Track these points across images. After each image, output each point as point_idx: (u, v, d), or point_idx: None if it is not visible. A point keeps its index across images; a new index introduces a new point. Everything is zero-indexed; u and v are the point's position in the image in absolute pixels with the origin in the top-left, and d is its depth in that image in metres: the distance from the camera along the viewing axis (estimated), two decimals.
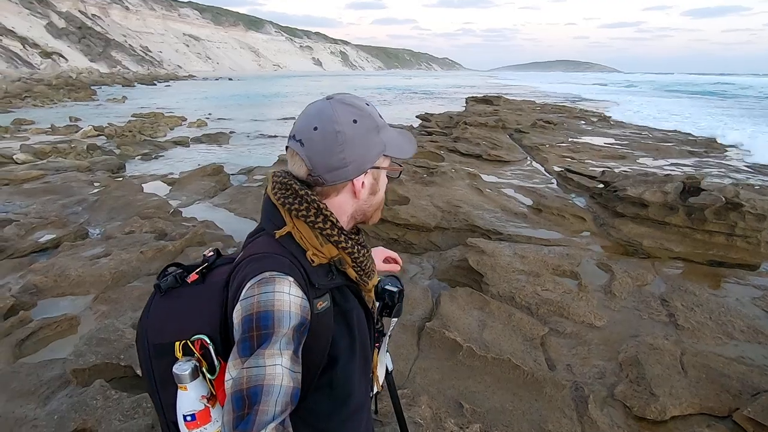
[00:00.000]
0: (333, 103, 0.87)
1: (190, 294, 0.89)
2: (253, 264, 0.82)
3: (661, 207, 5.25)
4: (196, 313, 0.86)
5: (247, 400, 0.70)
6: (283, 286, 0.78)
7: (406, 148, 0.94)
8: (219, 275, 0.90)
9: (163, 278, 0.91)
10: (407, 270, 4.34)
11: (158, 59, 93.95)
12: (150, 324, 0.88)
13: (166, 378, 0.83)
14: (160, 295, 0.90)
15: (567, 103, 25.53)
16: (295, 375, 0.76)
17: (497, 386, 2.52)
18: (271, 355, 0.73)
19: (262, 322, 0.76)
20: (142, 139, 12.57)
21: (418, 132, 12.37)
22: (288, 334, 0.76)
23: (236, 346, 0.76)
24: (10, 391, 2.52)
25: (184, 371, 0.79)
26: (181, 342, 0.82)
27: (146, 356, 0.87)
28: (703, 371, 2.68)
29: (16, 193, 6.80)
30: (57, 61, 60.79)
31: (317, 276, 0.84)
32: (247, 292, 0.79)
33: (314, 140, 0.84)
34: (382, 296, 1.20)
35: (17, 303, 3.44)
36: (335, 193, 0.89)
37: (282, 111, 22.27)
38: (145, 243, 4.60)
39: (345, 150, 0.84)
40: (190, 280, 0.90)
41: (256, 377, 0.72)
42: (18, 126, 14.63)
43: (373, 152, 0.88)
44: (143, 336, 0.88)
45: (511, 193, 6.82)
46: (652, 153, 10.60)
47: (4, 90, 27.60)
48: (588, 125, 15.64)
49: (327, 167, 0.85)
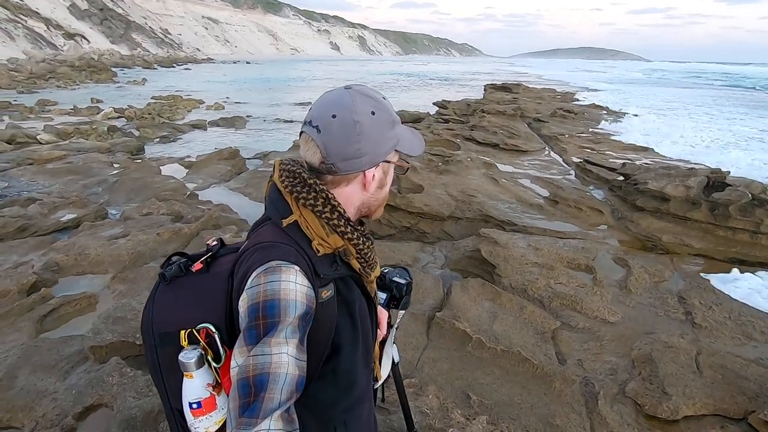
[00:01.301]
0: (352, 93, 0.87)
1: (194, 283, 0.89)
2: (260, 253, 0.82)
3: (683, 202, 5.10)
4: (201, 302, 0.86)
5: (254, 388, 0.71)
6: (289, 275, 0.78)
7: (416, 145, 0.94)
8: (223, 264, 0.90)
9: (167, 267, 0.91)
10: (419, 259, 4.33)
11: (177, 42, 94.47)
12: (155, 313, 0.89)
13: (172, 366, 0.83)
14: (164, 283, 0.90)
15: (585, 92, 24.85)
16: (301, 363, 0.77)
17: (506, 379, 2.51)
18: (277, 344, 0.74)
19: (268, 310, 0.76)
20: (160, 122, 12.73)
21: (435, 119, 12.22)
22: (294, 323, 0.76)
23: (242, 334, 0.77)
24: (32, 364, 2.62)
25: (189, 359, 0.80)
26: (187, 330, 0.83)
27: (151, 345, 0.88)
28: (719, 372, 2.61)
29: (39, 172, 6.98)
30: (79, 43, 61.64)
31: (322, 266, 0.84)
32: (254, 280, 0.79)
33: (332, 128, 0.84)
34: (390, 288, 1.19)
35: (39, 280, 3.55)
36: (345, 182, 0.89)
37: (298, 96, 22.24)
38: (162, 225, 4.68)
39: (362, 140, 0.85)
40: (195, 270, 0.90)
41: (263, 365, 0.72)
42: (42, 106, 14.95)
43: (387, 146, 0.89)
44: (148, 325, 0.89)
45: (528, 183, 6.70)
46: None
47: (30, 71, 28.20)
48: (609, 114, 15.22)
49: (342, 156, 0.85)
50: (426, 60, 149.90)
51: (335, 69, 57.54)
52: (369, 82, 33.90)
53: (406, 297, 1.19)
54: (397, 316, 1.21)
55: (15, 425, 2.24)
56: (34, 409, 2.28)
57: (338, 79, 37.27)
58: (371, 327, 0.98)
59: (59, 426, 2.13)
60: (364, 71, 53.44)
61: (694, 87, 36.72)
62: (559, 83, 34.77)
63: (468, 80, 39.49)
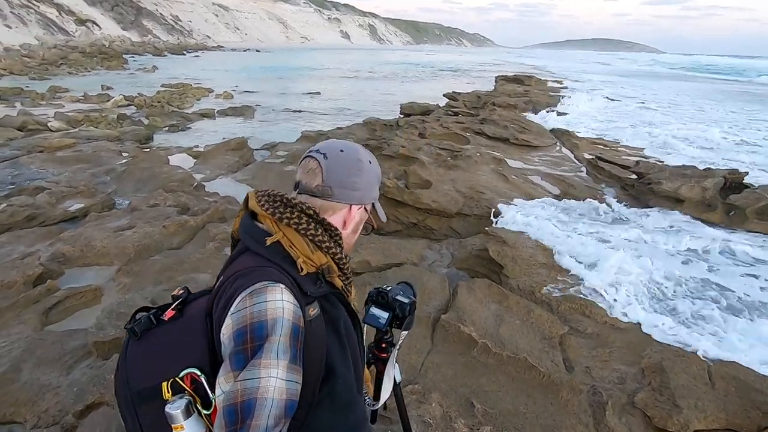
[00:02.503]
0: (357, 144, 1.01)
1: (169, 331, 0.86)
2: (242, 279, 0.80)
3: (698, 204, 4.97)
4: (181, 348, 0.83)
5: (240, 414, 0.69)
6: (275, 294, 0.77)
7: (383, 215, 1.03)
8: (197, 306, 0.88)
9: (135, 323, 0.86)
10: (425, 257, 4.28)
11: (188, 29, 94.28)
12: (130, 371, 0.84)
13: (157, 424, 0.78)
14: (135, 339, 0.86)
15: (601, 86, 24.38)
16: (292, 385, 0.74)
17: (511, 386, 2.46)
18: (266, 366, 0.72)
19: (256, 332, 0.74)
20: (170, 110, 12.72)
21: (444, 112, 12.04)
22: (284, 342, 0.75)
23: (228, 360, 0.74)
24: (37, 357, 2.62)
25: (176, 409, 0.75)
26: (169, 381, 0.78)
27: (129, 406, 0.82)
28: (732, 384, 2.54)
29: (49, 160, 7.01)
30: (91, 29, 61.79)
31: (306, 284, 0.83)
32: (239, 305, 0.77)
33: (338, 158, 0.92)
34: (392, 307, 1.14)
35: (45, 271, 3.56)
36: (332, 212, 0.93)
37: (307, 85, 22.11)
38: (168, 217, 4.67)
39: (360, 177, 0.93)
40: (167, 318, 0.87)
41: (250, 390, 0.70)
42: (53, 93, 15.03)
43: (373, 194, 0.99)
44: (124, 385, 0.83)
45: (538, 180, 6.58)
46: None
47: (42, 56, 28.37)
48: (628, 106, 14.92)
49: (341, 183, 0.91)
50: (433, 50, 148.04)
51: (345, 58, 57.10)
52: (378, 72, 33.62)
53: (410, 317, 1.13)
54: (400, 336, 1.16)
55: (18, 420, 2.25)
56: (37, 404, 2.29)
57: (348, 69, 36.99)
58: (358, 345, 0.96)
59: (60, 424, 2.13)
60: (373, 61, 52.94)
61: (685, 80, 35.68)
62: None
63: (479, 71, 38.95)
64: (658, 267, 3.84)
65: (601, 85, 24.61)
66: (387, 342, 1.16)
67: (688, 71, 51.81)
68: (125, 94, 14.52)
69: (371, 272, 3.73)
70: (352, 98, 18.20)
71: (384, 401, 1.16)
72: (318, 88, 20.44)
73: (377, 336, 1.18)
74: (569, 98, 16.13)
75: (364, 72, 33.78)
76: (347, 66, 40.57)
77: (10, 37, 42.55)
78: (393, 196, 5.20)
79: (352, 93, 20.17)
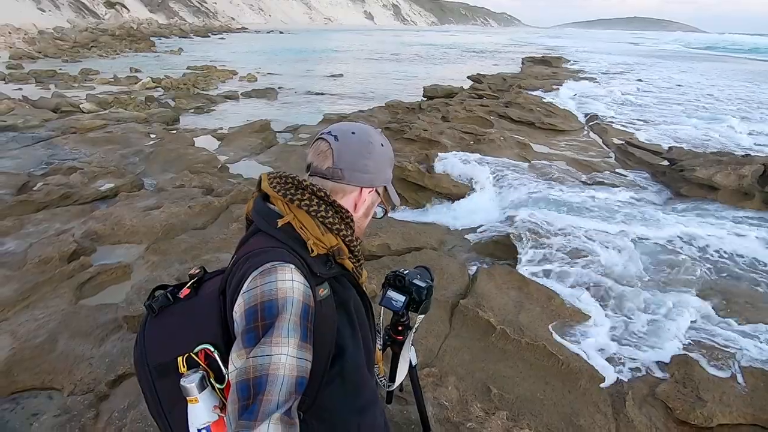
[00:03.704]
0: (369, 126, 1.00)
1: (185, 308, 0.88)
2: (253, 259, 0.82)
3: (734, 192, 4.74)
4: (195, 325, 0.85)
5: (253, 390, 0.71)
6: (285, 274, 0.78)
7: (396, 197, 1.03)
8: (212, 286, 0.90)
9: (153, 300, 0.89)
10: (445, 241, 4.25)
11: (213, 11, 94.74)
12: (148, 346, 0.87)
13: (174, 397, 0.82)
14: (153, 316, 0.89)
15: None
16: (303, 363, 0.76)
17: (529, 373, 2.45)
18: (277, 343, 0.73)
19: (266, 311, 0.75)
20: (195, 93, 12.91)
21: (469, 95, 11.78)
22: (294, 320, 0.76)
23: (240, 338, 0.76)
24: (72, 329, 2.77)
25: (191, 383, 0.78)
26: (184, 356, 0.81)
27: (148, 379, 0.86)
28: (761, 379, 2.45)
29: (81, 141, 7.24)
30: (120, 12, 62.89)
31: (317, 265, 0.84)
32: (250, 284, 0.78)
33: (350, 140, 0.92)
34: (409, 291, 1.14)
35: (79, 248, 3.71)
36: (342, 194, 0.93)
37: (330, 67, 21.97)
38: (194, 198, 4.78)
39: (370, 159, 0.92)
40: (182, 296, 0.89)
41: (262, 366, 0.72)
42: (85, 75, 15.45)
43: (384, 177, 0.97)
44: (142, 359, 0.87)
45: (563, 166, 6.40)
46: None
47: (74, 39, 29.09)
48: (662, 92, 14.26)
49: (351, 165, 0.91)
50: (461, 30, 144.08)
51: (368, 39, 56.37)
52: (402, 54, 33.07)
53: (426, 301, 1.13)
54: (416, 320, 1.16)
55: (56, 387, 2.39)
56: (73, 372, 2.42)
57: (371, 50, 36.52)
58: (369, 326, 0.97)
59: (94, 392, 2.25)
60: (397, 42, 52.07)
61: (697, 60, 33.32)
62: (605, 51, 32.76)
63: (505, 52, 37.81)
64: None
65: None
66: (403, 325, 1.16)
67: (708, 50, 49.00)
68: (153, 76, 14.79)
69: (390, 256, 3.74)
70: (375, 80, 18.01)
71: (399, 383, 1.17)
72: (341, 70, 20.30)
73: (394, 319, 1.19)
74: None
75: (387, 54, 33.29)
76: (370, 47, 40.05)
77: (45, 21, 43.80)
78: (414, 179, 5.17)
79: (375, 75, 19.95)
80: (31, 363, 2.46)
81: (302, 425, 0.76)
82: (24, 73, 15.26)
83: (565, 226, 4.15)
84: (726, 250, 3.97)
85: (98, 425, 2.09)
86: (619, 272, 3.55)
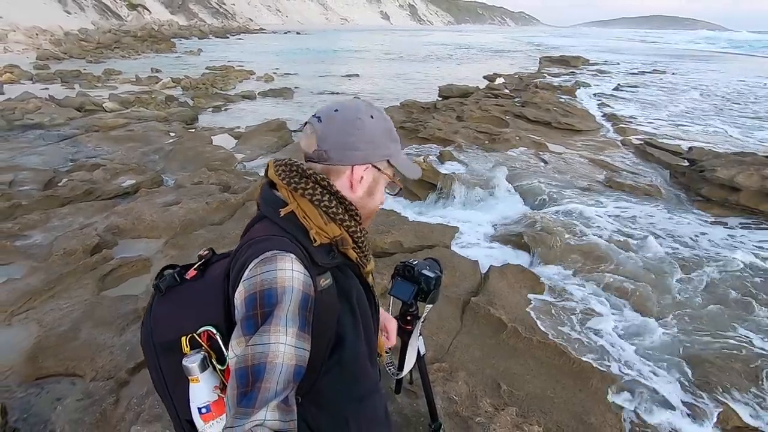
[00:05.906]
0: (359, 100, 0.94)
1: (190, 289, 0.90)
2: (255, 246, 0.82)
3: (756, 193, 4.62)
4: (199, 306, 0.86)
5: (251, 377, 0.72)
6: (285, 263, 0.78)
7: (411, 169, 0.96)
8: (217, 269, 0.91)
9: (161, 279, 0.91)
10: (458, 240, 4.25)
11: (231, 12, 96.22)
12: (154, 324, 0.89)
13: (177, 375, 0.84)
14: (160, 295, 0.91)
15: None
16: (301, 352, 0.76)
17: (540, 371, 2.44)
18: (275, 332, 0.74)
19: (266, 299, 0.76)
20: (213, 92, 13.14)
21: (484, 94, 11.71)
22: (292, 310, 0.76)
23: (240, 325, 0.77)
24: (95, 318, 2.87)
25: (193, 362, 0.80)
26: (187, 336, 0.83)
27: (153, 356, 0.89)
28: None
29: (104, 139, 7.46)
30: (141, 13, 64.40)
31: (319, 255, 0.83)
32: (250, 272, 0.79)
33: (333, 119, 0.88)
34: (417, 280, 1.16)
35: (101, 242, 3.84)
36: (335, 176, 0.90)
37: (346, 67, 22.07)
38: (211, 194, 4.89)
39: (357, 135, 0.88)
40: (189, 277, 0.91)
41: (261, 354, 0.73)
42: (108, 75, 15.87)
43: (381, 151, 0.91)
44: (148, 337, 0.89)
45: (579, 166, 6.33)
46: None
47: (97, 41, 29.89)
48: (684, 91, 13.93)
49: (336, 144, 0.87)
50: (477, 30, 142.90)
51: (384, 39, 56.43)
52: (418, 54, 33.02)
53: (435, 291, 1.15)
54: (424, 310, 1.19)
55: (79, 373, 2.48)
56: (95, 360, 2.52)
57: (387, 50, 36.56)
58: (371, 317, 0.96)
59: (114, 378, 2.33)
60: (413, 42, 51.98)
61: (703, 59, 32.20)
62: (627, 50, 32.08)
63: (524, 51, 37.40)
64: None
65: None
66: (412, 315, 1.19)
67: (723, 49, 47.52)
68: (172, 76, 15.11)
69: (403, 253, 3.77)
70: (391, 80, 18.03)
71: (408, 371, 1.20)
72: (357, 70, 20.38)
73: (402, 309, 1.21)
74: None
75: (403, 53, 33.29)
76: (386, 47, 40.09)
77: (70, 22, 45.09)
78: (428, 178, 5.18)
79: (391, 75, 19.97)
80: (55, 350, 2.56)
81: (302, 412, 0.78)
82: (50, 74, 15.77)
83: (578, 226, 4.11)
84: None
85: (118, 410, 2.17)
86: (634, 272, 3.50)
